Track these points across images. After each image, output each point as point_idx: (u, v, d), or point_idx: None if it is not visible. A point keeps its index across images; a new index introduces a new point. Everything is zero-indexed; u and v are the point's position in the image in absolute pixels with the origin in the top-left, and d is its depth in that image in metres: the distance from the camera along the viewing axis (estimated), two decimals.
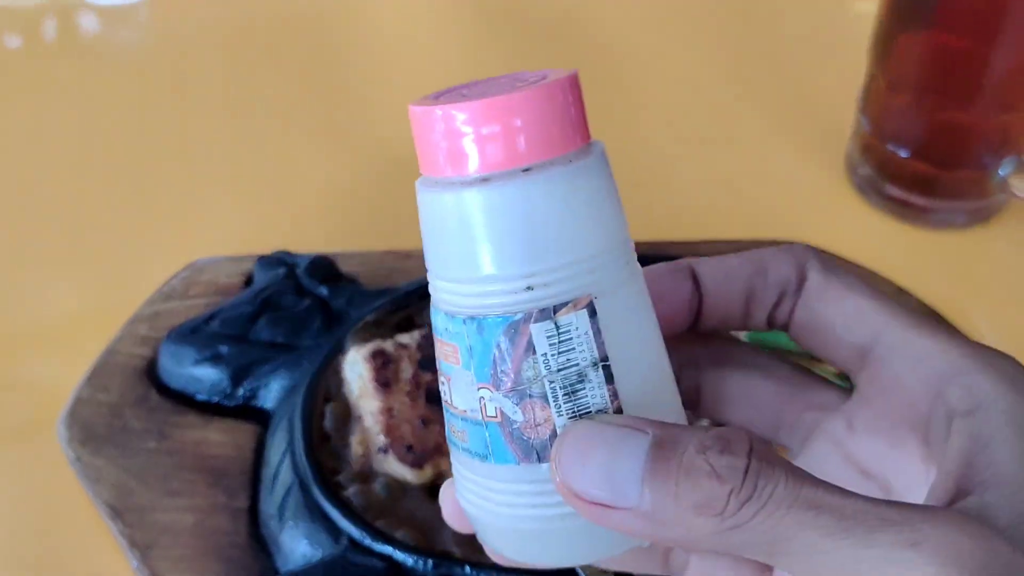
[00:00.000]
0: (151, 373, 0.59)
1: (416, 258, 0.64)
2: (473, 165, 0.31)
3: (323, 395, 0.55)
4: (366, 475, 0.53)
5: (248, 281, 0.64)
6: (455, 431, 0.33)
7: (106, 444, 0.56)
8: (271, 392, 0.57)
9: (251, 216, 0.71)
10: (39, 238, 0.70)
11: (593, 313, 0.31)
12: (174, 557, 0.52)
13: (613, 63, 0.82)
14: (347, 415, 0.55)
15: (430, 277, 0.33)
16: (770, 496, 0.28)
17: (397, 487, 0.52)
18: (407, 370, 0.56)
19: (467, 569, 0.48)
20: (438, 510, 0.51)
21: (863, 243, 0.69)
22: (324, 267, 0.62)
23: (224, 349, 0.58)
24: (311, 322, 0.59)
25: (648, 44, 0.85)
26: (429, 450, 0.53)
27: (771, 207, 0.72)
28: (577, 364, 0.31)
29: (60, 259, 0.69)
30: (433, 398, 0.55)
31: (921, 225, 0.70)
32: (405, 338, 0.57)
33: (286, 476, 0.52)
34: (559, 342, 0.31)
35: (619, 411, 0.31)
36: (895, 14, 0.67)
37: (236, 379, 0.57)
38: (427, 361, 0.56)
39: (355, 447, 0.54)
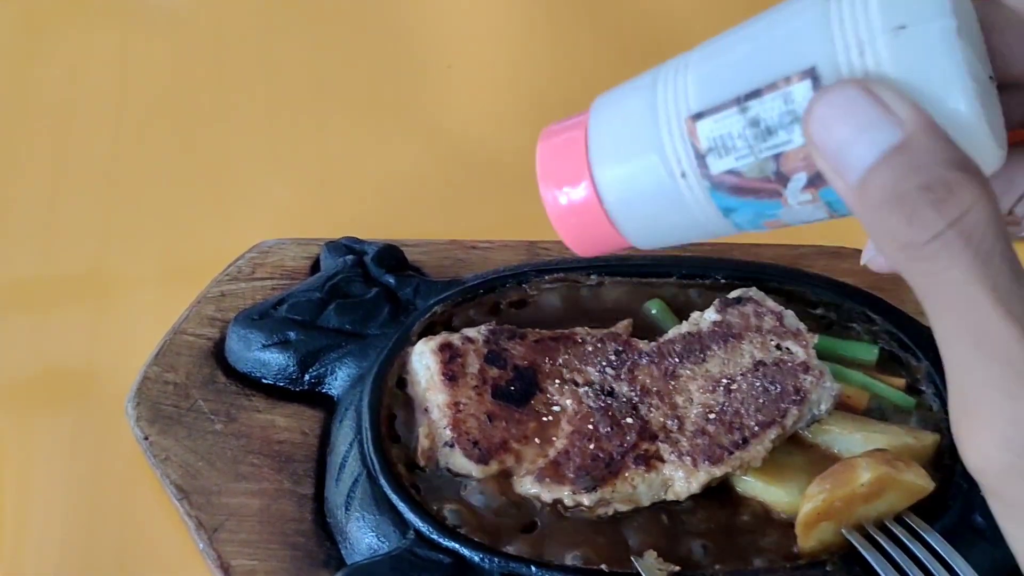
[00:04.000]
0: (217, 354, 0.60)
1: (481, 250, 0.66)
2: None
3: (390, 386, 0.56)
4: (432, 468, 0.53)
5: (315, 265, 0.64)
6: None
7: (174, 424, 0.57)
8: (337, 379, 0.58)
9: (314, 200, 0.71)
10: (101, 214, 0.70)
11: None
12: (240, 541, 0.53)
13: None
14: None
15: None
16: (939, 270, 0.30)
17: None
18: (473, 364, 0.56)
19: (532, 569, 0.49)
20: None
21: None
22: (392, 256, 0.62)
23: (292, 335, 0.58)
24: (379, 311, 0.59)
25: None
26: (495, 446, 0.53)
27: None
28: None
29: (122, 236, 0.69)
30: (499, 394, 0.55)
31: None
32: (472, 332, 0.57)
33: (354, 466, 0.53)
34: None
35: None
36: None
37: (303, 365, 0.58)
38: (493, 356, 0.56)
39: (422, 440, 0.54)
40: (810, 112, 0.32)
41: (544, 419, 0.54)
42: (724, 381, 0.54)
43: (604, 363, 0.56)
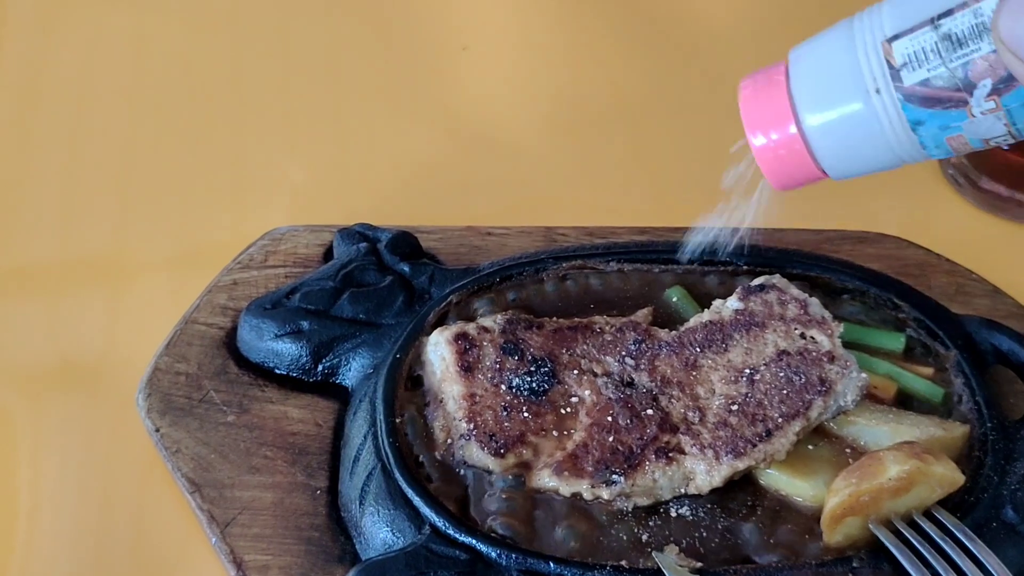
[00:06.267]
0: (229, 344, 0.59)
1: (497, 236, 0.65)
2: None
3: (405, 377, 0.55)
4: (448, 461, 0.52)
5: (328, 252, 0.63)
6: None
7: (186, 416, 0.56)
8: (351, 370, 0.57)
9: (326, 186, 0.70)
10: (114, 200, 0.69)
11: None
12: (252, 535, 0.52)
13: (697, 45, 0.80)
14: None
15: None
16: None
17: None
18: (489, 355, 0.55)
19: (551, 565, 0.48)
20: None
21: (955, 238, 0.66)
22: (406, 243, 0.61)
23: (305, 324, 0.57)
24: (393, 300, 0.58)
25: (733, 25, 0.82)
26: (512, 439, 0.52)
27: (858, 197, 0.70)
28: None
29: (135, 222, 0.68)
30: (516, 386, 0.54)
31: (1017, 220, 0.68)
32: (488, 321, 0.56)
33: (368, 460, 0.52)
34: None
35: None
36: None
37: (316, 355, 0.57)
38: (510, 346, 0.55)
39: (437, 432, 0.53)
40: (999, 11, 0.37)
41: (562, 411, 0.53)
42: (747, 371, 0.53)
43: (623, 353, 0.55)
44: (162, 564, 0.53)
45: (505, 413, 0.53)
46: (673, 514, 0.51)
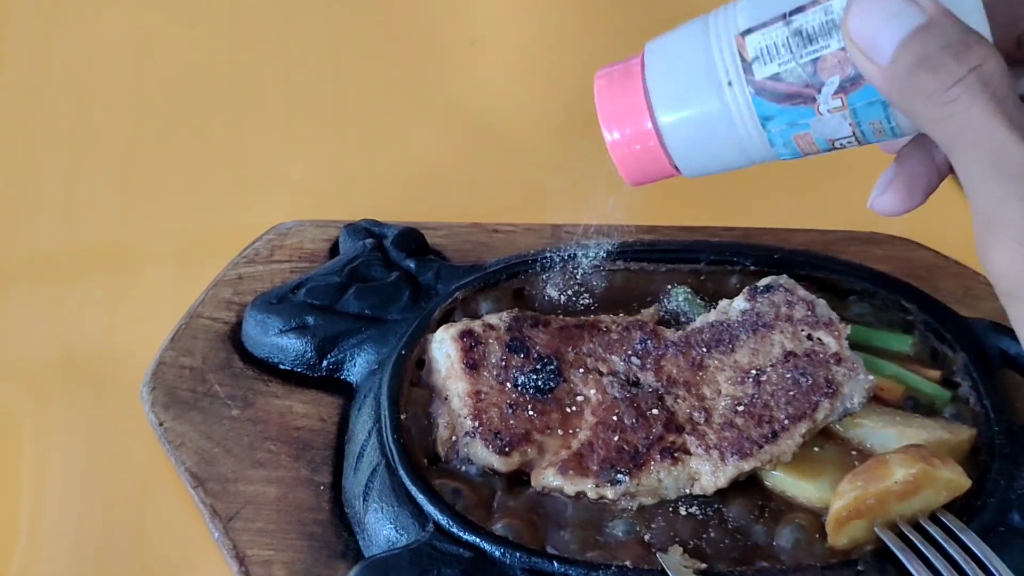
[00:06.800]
0: (234, 338, 0.59)
1: (503, 233, 0.64)
2: None
3: (410, 374, 0.55)
4: (451, 459, 0.52)
5: (333, 247, 0.63)
6: None
7: (190, 409, 0.56)
8: (356, 366, 0.57)
9: (332, 180, 0.70)
10: (119, 193, 0.69)
11: None
12: (256, 530, 0.52)
13: None
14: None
15: None
16: (961, 110, 0.36)
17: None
18: (495, 352, 0.54)
19: (555, 564, 0.48)
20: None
21: (963, 241, 0.65)
22: (413, 239, 0.61)
23: (310, 319, 0.57)
24: (399, 296, 0.58)
25: None
26: (517, 437, 0.52)
27: (867, 199, 0.70)
28: None
29: (139, 216, 0.68)
30: (522, 384, 0.53)
31: None
32: (493, 319, 0.56)
33: (372, 456, 0.52)
34: None
35: None
36: None
37: (321, 351, 0.57)
38: (515, 344, 0.55)
39: (442, 430, 0.53)
40: (849, 9, 0.38)
41: (567, 409, 0.53)
42: (753, 372, 0.53)
43: (629, 352, 0.55)
44: (164, 558, 0.53)
45: (510, 411, 0.53)
46: (678, 514, 0.51)
